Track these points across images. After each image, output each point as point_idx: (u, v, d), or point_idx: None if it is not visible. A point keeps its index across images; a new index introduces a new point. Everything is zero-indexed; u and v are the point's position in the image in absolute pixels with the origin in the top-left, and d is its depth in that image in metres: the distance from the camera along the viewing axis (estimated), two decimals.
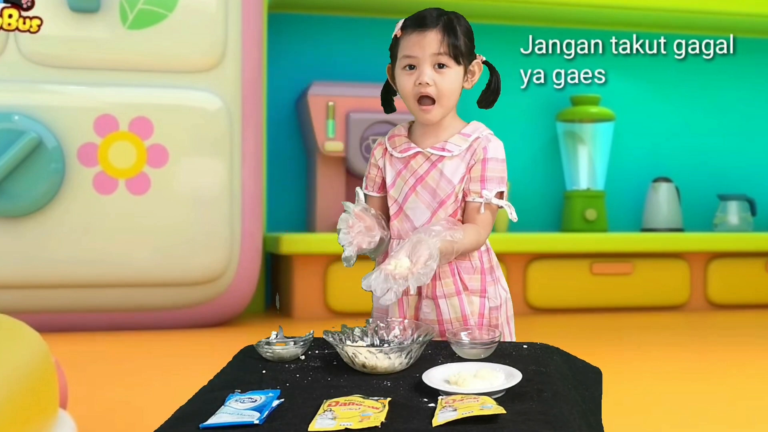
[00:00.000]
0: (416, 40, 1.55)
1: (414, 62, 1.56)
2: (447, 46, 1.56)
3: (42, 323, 3.12)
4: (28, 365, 1.34)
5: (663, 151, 4.94)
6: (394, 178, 1.62)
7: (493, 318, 1.61)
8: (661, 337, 3.52)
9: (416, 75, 1.56)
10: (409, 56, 1.56)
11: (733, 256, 4.44)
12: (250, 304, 3.90)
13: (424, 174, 1.60)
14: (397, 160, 1.62)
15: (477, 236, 1.56)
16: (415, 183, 1.60)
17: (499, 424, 1.05)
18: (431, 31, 1.55)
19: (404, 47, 1.57)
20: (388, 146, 1.64)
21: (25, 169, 3.27)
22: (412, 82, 1.56)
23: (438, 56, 1.56)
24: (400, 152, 1.62)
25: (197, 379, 1.42)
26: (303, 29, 4.49)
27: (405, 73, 1.58)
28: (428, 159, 1.60)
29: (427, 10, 1.59)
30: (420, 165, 1.60)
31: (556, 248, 4.19)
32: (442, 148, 1.61)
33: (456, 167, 1.60)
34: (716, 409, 2.20)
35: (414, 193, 1.59)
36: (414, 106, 1.59)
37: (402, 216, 1.60)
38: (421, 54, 1.55)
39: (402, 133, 1.65)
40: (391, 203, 1.62)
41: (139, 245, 3.43)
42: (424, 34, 1.55)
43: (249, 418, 1.09)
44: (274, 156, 4.35)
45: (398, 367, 1.31)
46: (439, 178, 1.59)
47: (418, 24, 1.56)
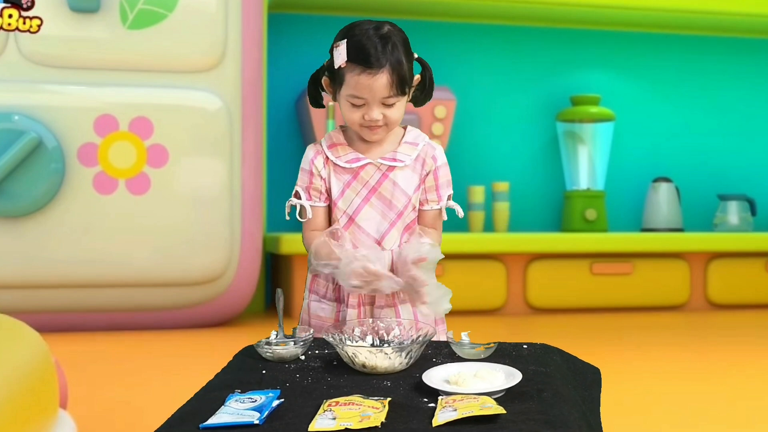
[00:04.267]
0: (365, 84, 1.52)
1: (362, 102, 1.54)
2: (395, 87, 1.54)
3: (42, 323, 3.12)
4: (28, 365, 1.34)
5: (663, 151, 4.94)
6: (342, 188, 1.60)
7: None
8: (661, 337, 3.52)
9: (364, 111, 1.55)
10: (357, 96, 1.54)
11: (733, 256, 4.44)
12: (250, 304, 3.90)
13: (377, 185, 1.60)
14: (343, 170, 1.60)
15: (438, 239, 1.64)
16: (368, 194, 1.59)
17: (499, 424, 1.05)
18: (380, 73, 1.52)
19: (351, 85, 1.53)
20: (330, 155, 1.60)
21: (25, 169, 3.27)
22: (360, 116, 1.55)
23: (387, 98, 1.54)
24: (347, 162, 1.60)
25: (197, 379, 1.42)
26: (303, 29, 4.49)
27: (352, 107, 1.56)
28: (378, 169, 1.60)
29: (370, 41, 1.53)
30: (371, 176, 1.60)
31: (556, 248, 4.19)
32: (393, 158, 1.61)
33: (409, 178, 1.61)
34: (716, 409, 2.20)
35: (368, 204, 1.59)
36: (359, 128, 1.58)
37: (353, 227, 1.59)
38: (370, 97, 1.53)
39: (341, 141, 1.62)
40: (339, 215, 1.59)
41: (139, 245, 3.43)
42: (374, 77, 1.52)
43: (249, 418, 1.09)
44: (274, 156, 4.36)
45: (398, 367, 1.31)
46: (392, 188, 1.60)
47: (366, 63, 1.52)
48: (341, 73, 1.55)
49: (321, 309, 1.64)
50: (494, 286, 4.08)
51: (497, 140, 4.69)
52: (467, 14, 4.61)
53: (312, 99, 1.67)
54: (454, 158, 1.80)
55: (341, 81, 1.56)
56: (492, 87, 4.69)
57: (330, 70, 1.60)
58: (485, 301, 4.07)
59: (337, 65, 1.55)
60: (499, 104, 4.70)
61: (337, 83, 1.57)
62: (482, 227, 4.32)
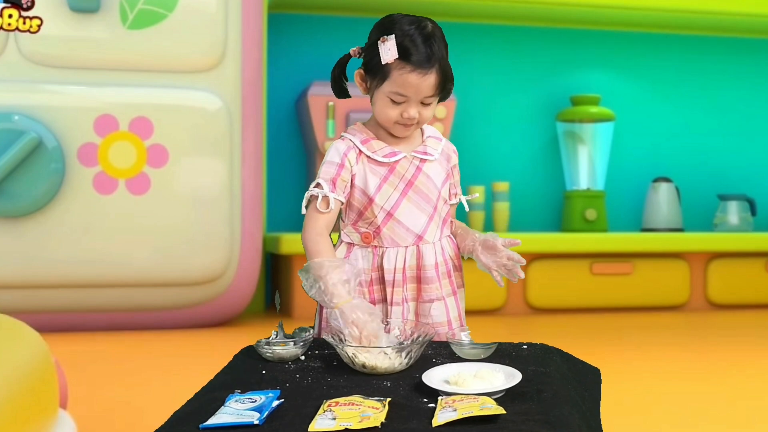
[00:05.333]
0: (414, 83, 1.52)
1: (403, 100, 1.55)
2: (439, 87, 1.55)
3: (42, 323, 3.12)
4: (28, 365, 1.34)
5: (663, 151, 4.94)
6: (380, 183, 1.58)
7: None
8: (661, 337, 3.52)
9: (402, 108, 1.55)
10: (401, 95, 1.54)
11: (733, 256, 4.44)
12: (250, 304, 3.90)
13: (412, 178, 1.60)
14: (378, 164, 1.58)
15: None
16: (405, 188, 1.59)
17: (499, 424, 1.05)
18: (429, 73, 1.52)
19: (398, 83, 1.53)
20: (365, 150, 1.59)
21: (25, 169, 3.27)
22: (398, 114, 1.55)
23: (428, 97, 1.56)
24: (384, 157, 1.59)
25: (197, 379, 1.42)
26: (303, 29, 4.49)
27: (390, 104, 1.55)
28: (411, 163, 1.60)
29: (420, 39, 1.52)
30: (406, 169, 1.60)
31: (556, 248, 4.19)
32: (424, 152, 1.62)
33: (438, 171, 1.63)
34: (716, 409, 2.20)
35: (405, 198, 1.59)
36: (391, 125, 1.58)
37: (393, 222, 1.58)
38: (414, 95, 1.54)
39: (371, 136, 1.61)
40: (377, 211, 1.57)
41: (139, 245, 3.43)
42: (423, 77, 1.52)
43: (249, 419, 1.09)
44: (274, 156, 4.36)
45: (398, 368, 1.31)
46: (426, 181, 1.61)
47: (418, 63, 1.52)
48: (386, 69, 1.53)
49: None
50: (494, 286, 4.04)
51: (497, 140, 4.69)
52: (467, 14, 4.61)
53: (337, 88, 1.64)
54: None
55: (384, 77, 1.54)
56: (492, 87, 4.69)
57: (370, 64, 1.57)
58: (485, 301, 4.07)
59: (385, 61, 1.52)
60: (499, 104, 4.70)
61: (379, 78, 1.55)
62: (482, 227, 4.32)
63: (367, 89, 1.60)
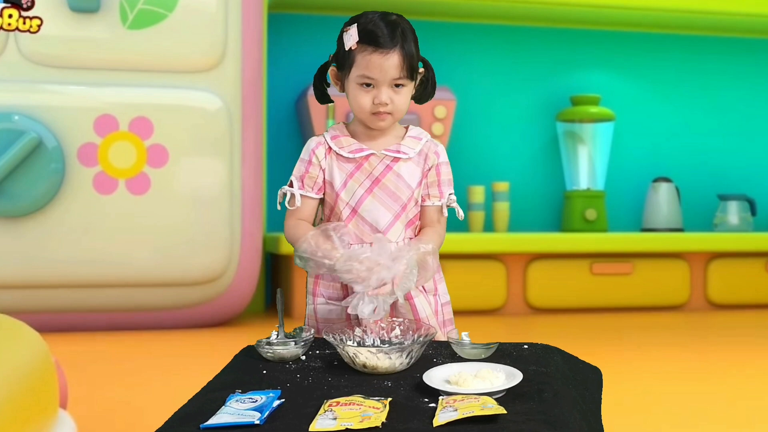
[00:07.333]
0: (377, 63, 1.55)
1: (372, 82, 1.56)
2: (405, 69, 1.56)
3: (42, 323, 3.12)
4: (28, 365, 1.34)
5: (663, 151, 4.94)
6: (345, 179, 1.59)
7: (446, 313, 1.67)
8: (661, 337, 3.52)
9: (373, 93, 1.57)
10: (367, 77, 1.56)
11: (733, 256, 4.44)
12: (250, 304, 3.90)
13: (380, 176, 1.60)
14: (346, 161, 1.60)
15: (440, 239, 1.62)
16: (372, 185, 1.59)
17: (499, 424, 1.05)
18: (392, 52, 1.55)
19: (362, 65, 1.56)
20: (333, 146, 1.61)
21: (25, 169, 3.27)
22: (370, 100, 1.57)
23: (397, 79, 1.56)
24: (350, 152, 1.60)
25: (197, 379, 1.42)
26: (303, 29, 4.49)
27: (361, 90, 1.58)
28: (382, 161, 1.60)
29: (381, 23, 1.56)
30: (374, 167, 1.60)
31: (556, 248, 4.19)
32: (397, 150, 1.62)
33: (412, 171, 1.62)
34: (716, 409, 2.20)
35: (370, 195, 1.59)
36: (367, 116, 1.59)
37: (357, 219, 1.59)
38: (380, 77, 1.56)
39: (344, 133, 1.63)
40: (342, 206, 1.59)
41: (139, 245, 3.43)
42: (385, 56, 1.54)
43: (249, 419, 1.09)
44: (274, 156, 4.35)
45: (399, 367, 1.31)
46: (396, 180, 1.60)
47: (378, 43, 1.55)
48: (351, 56, 1.57)
49: (329, 311, 1.62)
50: (494, 286, 4.08)
51: (497, 140, 4.69)
52: (467, 14, 4.61)
53: (318, 93, 1.69)
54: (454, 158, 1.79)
55: (351, 64, 1.57)
56: (492, 87, 4.69)
57: (338, 56, 1.61)
58: (485, 301, 4.07)
59: (347, 47, 1.57)
60: (499, 104, 4.70)
61: (347, 68, 1.59)
62: (482, 227, 4.32)
63: (343, 87, 1.63)
